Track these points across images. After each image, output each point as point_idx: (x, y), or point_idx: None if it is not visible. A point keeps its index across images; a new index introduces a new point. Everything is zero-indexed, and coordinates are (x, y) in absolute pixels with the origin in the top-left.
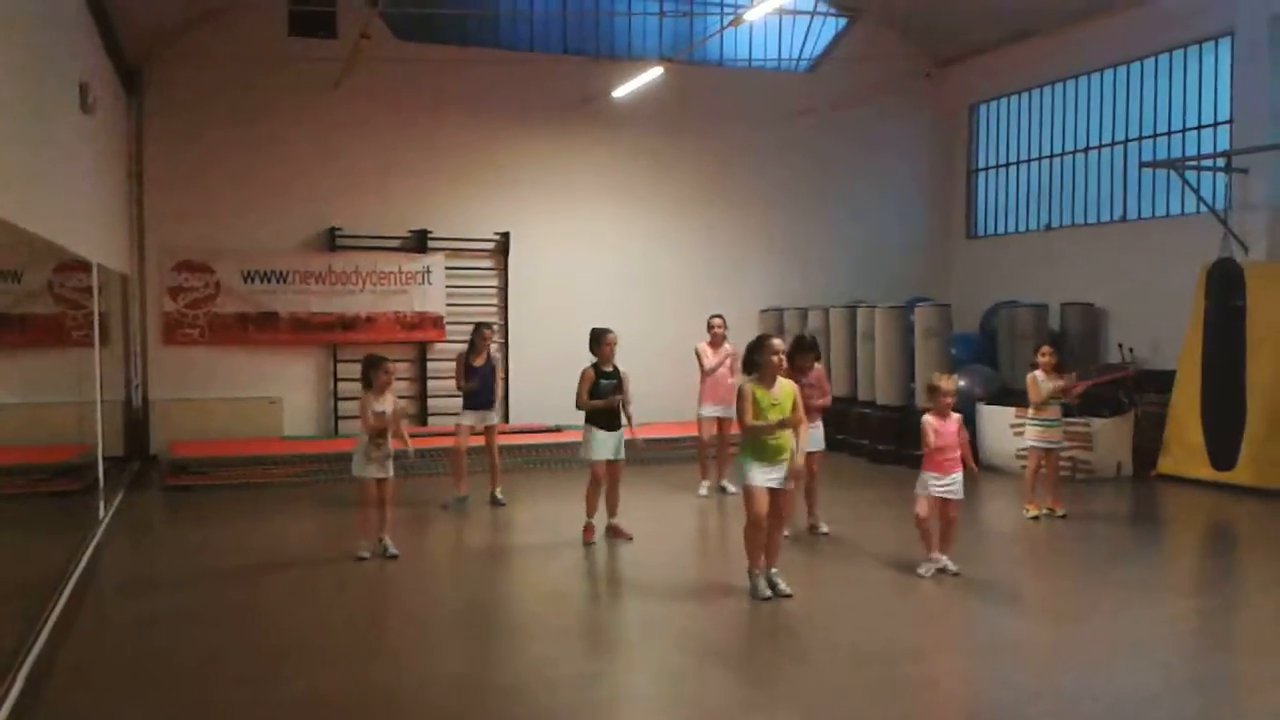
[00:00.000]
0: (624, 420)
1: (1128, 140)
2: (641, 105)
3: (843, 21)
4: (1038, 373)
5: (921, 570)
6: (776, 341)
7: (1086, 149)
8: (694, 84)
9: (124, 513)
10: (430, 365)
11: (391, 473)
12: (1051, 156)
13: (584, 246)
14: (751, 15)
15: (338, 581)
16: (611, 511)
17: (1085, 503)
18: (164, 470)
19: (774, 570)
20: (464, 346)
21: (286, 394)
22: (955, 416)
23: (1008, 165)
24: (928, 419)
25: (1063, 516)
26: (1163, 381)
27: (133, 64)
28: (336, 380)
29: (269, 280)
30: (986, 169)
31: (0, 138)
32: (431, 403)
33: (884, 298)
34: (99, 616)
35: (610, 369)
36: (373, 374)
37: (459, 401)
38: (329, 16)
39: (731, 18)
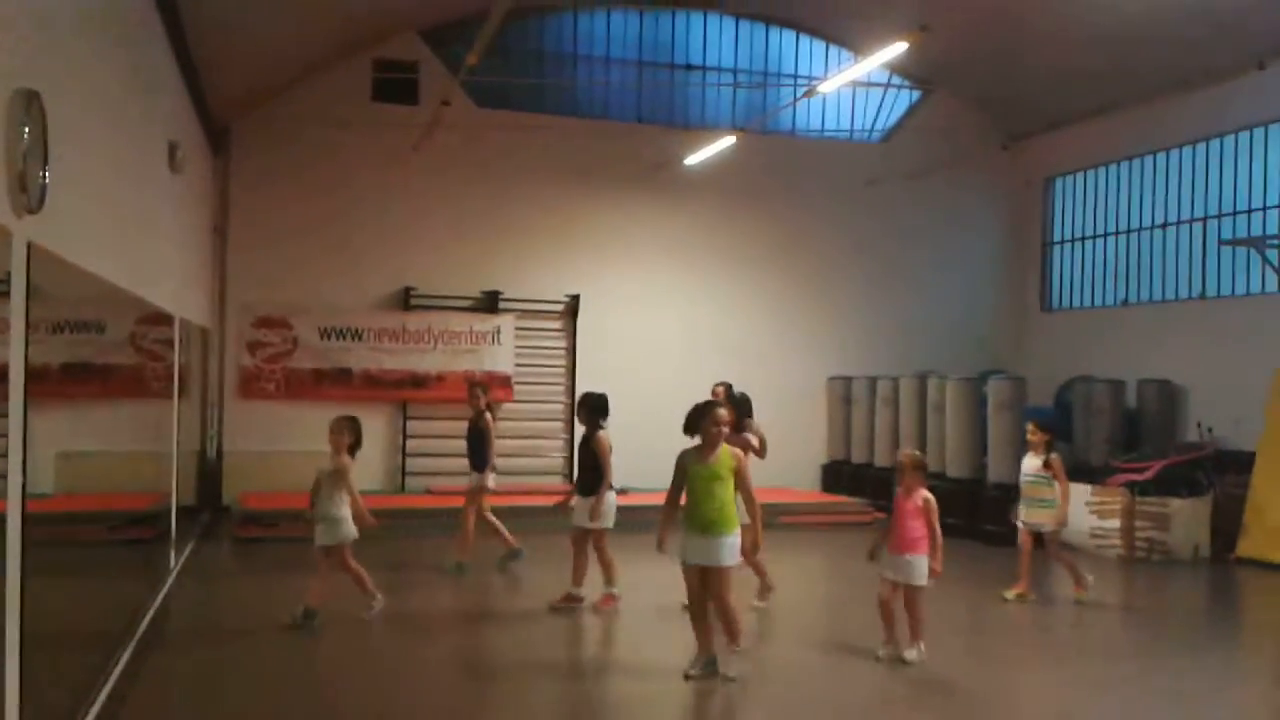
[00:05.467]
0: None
1: (1207, 217)
2: (714, 173)
3: (917, 94)
4: (1028, 454)
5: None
6: (722, 411)
7: (1165, 224)
8: (766, 152)
9: (193, 562)
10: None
11: (324, 540)
12: (1129, 231)
13: (653, 311)
14: (825, 87)
15: (395, 641)
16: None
17: (1159, 586)
18: (234, 521)
19: (735, 650)
20: (530, 406)
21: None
22: (920, 493)
23: (1084, 239)
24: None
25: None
26: (1243, 462)
27: (220, 124)
28: (405, 437)
29: (345, 337)
30: (1063, 242)
31: (91, 194)
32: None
33: (957, 369)
34: (164, 667)
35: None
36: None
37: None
38: (411, 84)
39: (805, 89)
